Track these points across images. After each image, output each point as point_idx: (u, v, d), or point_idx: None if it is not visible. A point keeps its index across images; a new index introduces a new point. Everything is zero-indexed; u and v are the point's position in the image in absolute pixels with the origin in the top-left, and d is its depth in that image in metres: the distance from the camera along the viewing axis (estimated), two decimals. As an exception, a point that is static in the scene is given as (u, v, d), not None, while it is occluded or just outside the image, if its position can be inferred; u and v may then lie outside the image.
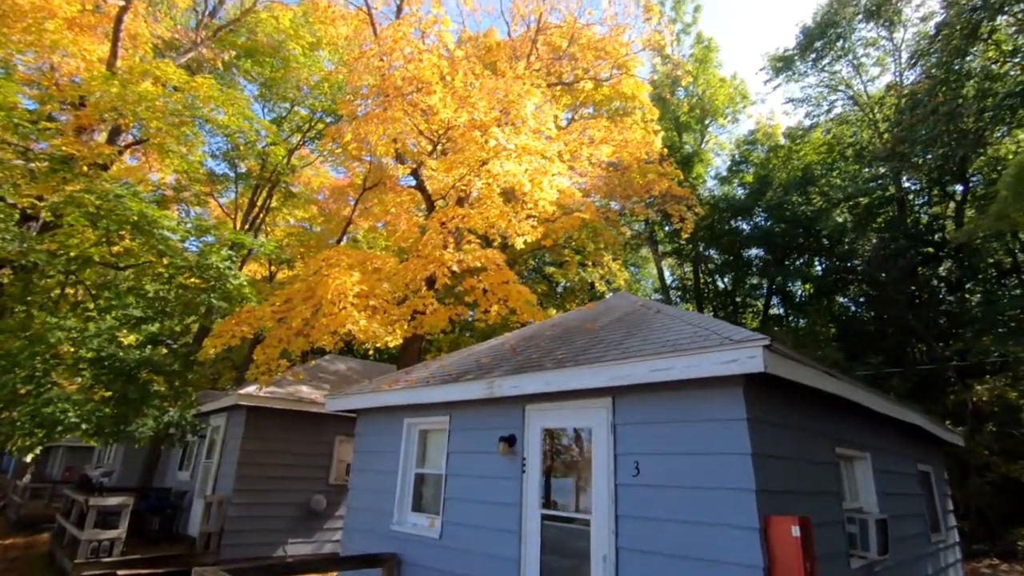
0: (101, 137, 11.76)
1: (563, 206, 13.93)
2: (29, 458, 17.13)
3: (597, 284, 24.22)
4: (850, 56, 23.13)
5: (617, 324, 6.48)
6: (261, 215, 21.61)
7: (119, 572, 9.21)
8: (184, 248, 11.10)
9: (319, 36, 16.77)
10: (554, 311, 20.63)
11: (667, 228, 27.10)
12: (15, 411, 7.32)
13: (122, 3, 10.12)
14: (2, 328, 8.53)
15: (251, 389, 11.75)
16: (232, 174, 21.04)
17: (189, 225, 11.39)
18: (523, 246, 12.35)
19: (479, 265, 10.30)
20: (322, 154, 22.12)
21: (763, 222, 24.98)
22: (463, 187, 11.36)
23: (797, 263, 24.90)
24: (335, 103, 17.59)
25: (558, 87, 15.07)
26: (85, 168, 9.64)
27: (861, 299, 23.91)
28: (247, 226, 20.29)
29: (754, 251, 26.82)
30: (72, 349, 8.35)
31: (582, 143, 11.99)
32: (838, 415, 5.40)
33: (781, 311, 27.96)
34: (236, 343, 8.49)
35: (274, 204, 22.41)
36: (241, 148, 17.40)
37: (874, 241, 20.77)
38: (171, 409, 8.92)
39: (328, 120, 19.42)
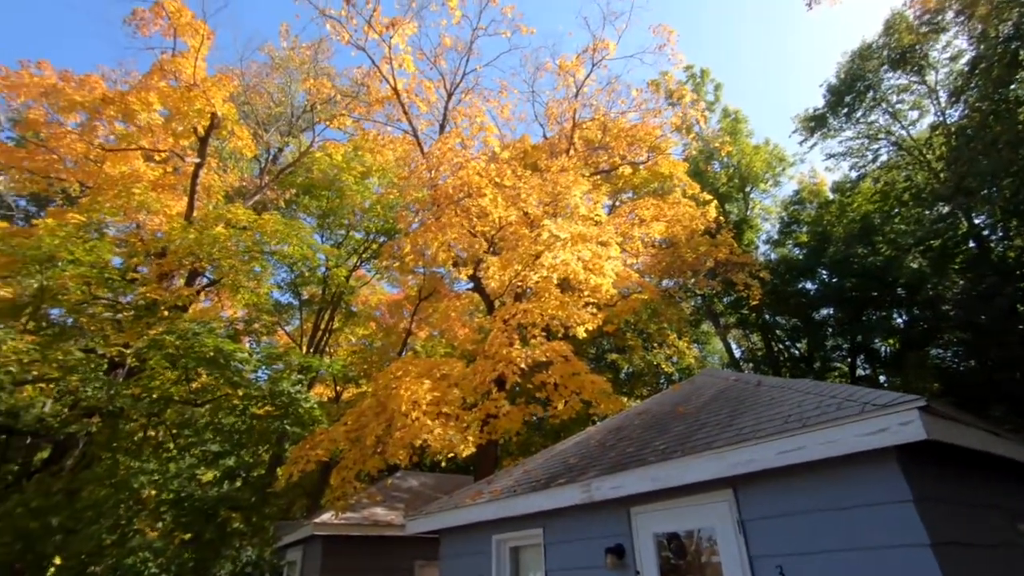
0: (180, 281, 12.60)
1: (620, 289, 13.67)
2: None
3: (663, 365, 23.19)
4: (884, 105, 22.98)
5: (716, 404, 5.89)
6: (324, 337, 22.27)
7: None
8: (255, 379, 11.33)
9: (368, 164, 18.11)
10: (625, 399, 19.64)
11: (725, 300, 26.21)
12: (99, 565, 7.15)
13: (197, 160, 11.30)
14: (90, 478, 8.64)
15: (326, 517, 11.31)
16: (296, 302, 22.06)
17: (259, 355, 11.69)
18: (585, 335, 12.01)
19: (546, 359, 9.96)
20: (378, 272, 23.05)
21: (829, 279, 23.79)
22: (520, 283, 11.32)
23: (875, 318, 23.24)
24: (388, 223, 18.57)
25: (597, 176, 15.41)
26: (166, 312, 10.22)
27: (958, 347, 21.76)
28: (312, 349, 20.87)
29: (825, 311, 25.33)
30: (154, 492, 8.30)
31: (632, 224, 11.95)
32: (1012, 483, 4.51)
33: (868, 371, 25.74)
34: (312, 468, 8.25)
35: (336, 325, 23.14)
36: (305, 275, 18.35)
37: (960, 283, 19.23)
38: (249, 548, 8.56)
39: (381, 240, 20.43)
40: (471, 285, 15.35)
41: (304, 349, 21.13)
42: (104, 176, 11.73)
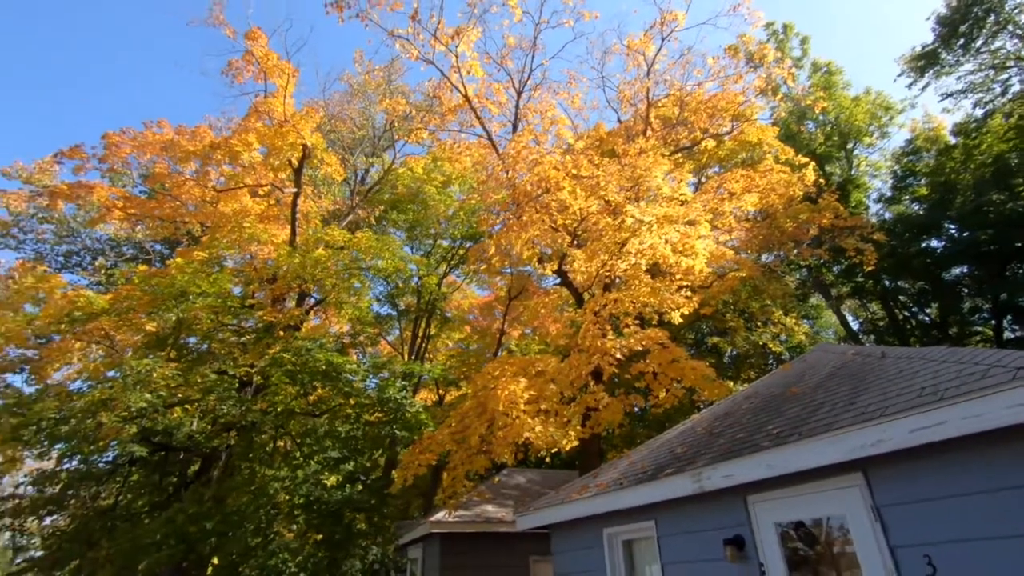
0: (291, 304, 13.69)
1: (715, 268, 13.01)
2: None
3: (770, 345, 21.77)
4: (1010, 27, 20.03)
5: (834, 381, 5.43)
6: (423, 343, 23.23)
7: None
8: (364, 388, 12.04)
9: (448, 173, 18.68)
10: (731, 384, 18.68)
11: (835, 269, 24.11)
12: (247, 564, 7.94)
13: (295, 190, 12.25)
14: (233, 486, 9.64)
15: (440, 515, 11.77)
16: (394, 312, 23.23)
17: (366, 365, 12.40)
18: (680, 320, 11.55)
19: (642, 348, 9.71)
20: (467, 276, 23.67)
21: (959, 234, 21.13)
22: (607, 273, 11.13)
23: (1021, 272, 20.31)
24: (471, 227, 19.03)
25: (679, 154, 14.78)
26: (281, 332, 11.16)
27: None
28: (413, 356, 21.84)
29: (957, 270, 22.52)
30: (287, 497, 9.07)
31: (721, 199, 11.33)
32: None
33: (1018, 333, 22.51)
34: (423, 471, 8.63)
35: (432, 331, 24.07)
36: (400, 286, 19.25)
37: None
38: (373, 547, 9.12)
39: (467, 245, 20.97)
40: (558, 280, 15.32)
41: (406, 356, 22.17)
42: (219, 215, 13.04)
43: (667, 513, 5.72)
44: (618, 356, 9.35)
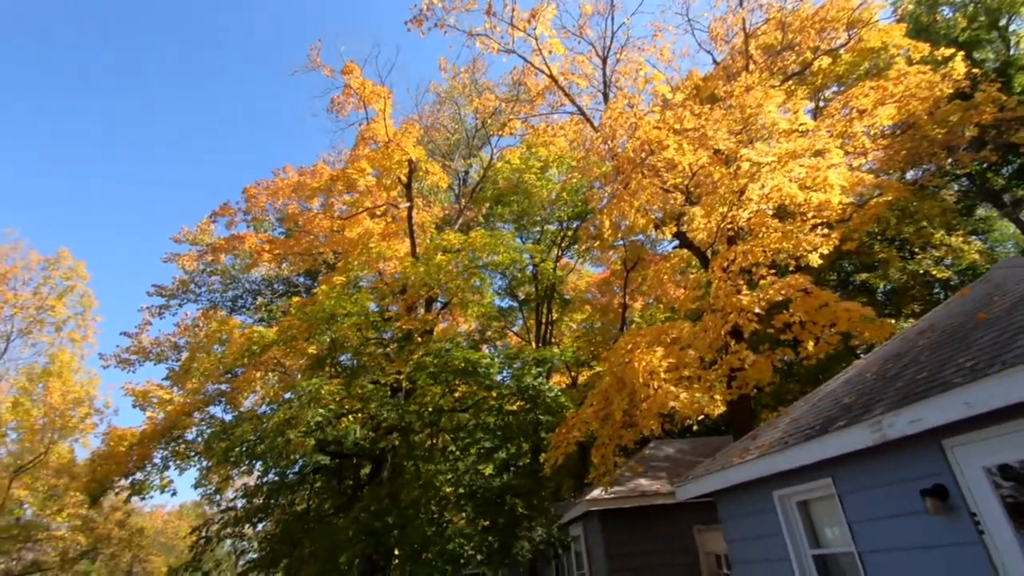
0: (421, 311, 14.59)
1: (853, 198, 11.67)
2: None
3: (933, 272, 19.11)
4: None
5: (1034, 299, 4.66)
6: (547, 329, 23.56)
7: None
8: (501, 380, 12.51)
9: (544, 158, 18.70)
10: (893, 323, 16.70)
11: (1006, 170, 20.51)
12: (429, 552, 8.66)
13: (408, 204, 13.02)
14: (403, 483, 10.53)
15: (596, 493, 11.91)
16: (515, 303, 23.81)
17: (499, 358, 12.85)
18: (820, 261, 10.55)
19: (782, 298, 9.03)
20: (579, 256, 23.58)
21: None
22: (729, 225, 10.48)
23: None
24: (576, 207, 18.90)
25: (789, 82, 13.42)
26: (419, 339, 11.95)
27: None
28: (539, 343, 22.25)
29: None
30: (451, 489, 9.73)
31: (849, 120, 10.12)
32: None
33: None
34: (572, 450, 8.79)
35: (555, 316, 24.32)
36: (517, 277, 19.69)
37: None
38: (538, 528, 9.49)
39: (575, 224, 20.87)
40: (676, 243, 14.66)
41: (533, 344, 22.64)
42: (346, 241, 14.26)
43: (845, 468, 5.28)
44: (757, 311, 8.79)
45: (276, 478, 16.56)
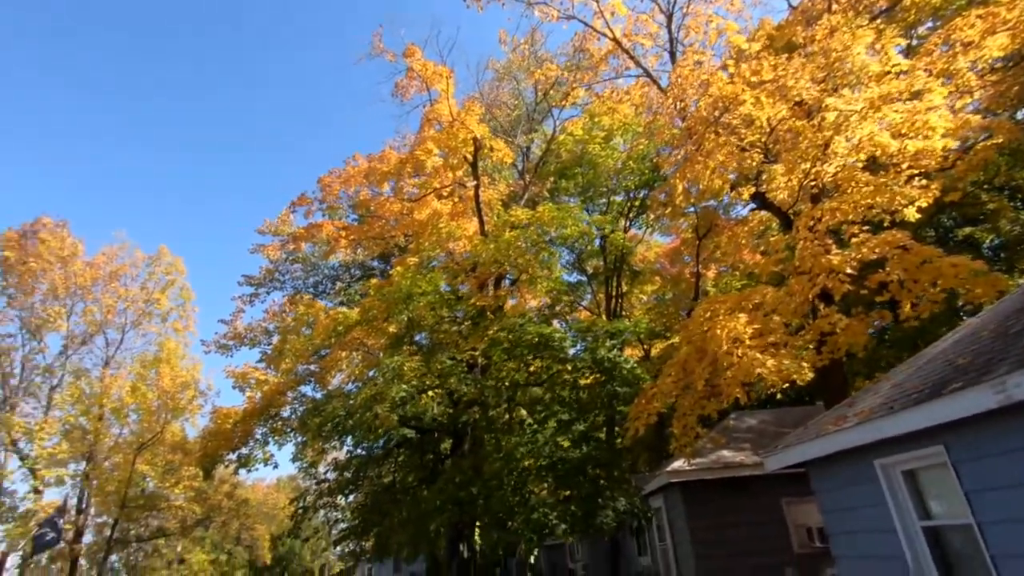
0: (491, 288, 14.77)
1: (957, 143, 10.57)
2: (532, 559, 20.80)
3: (1054, 218, 17.11)
4: None
5: None
6: (617, 303, 23.21)
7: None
8: (575, 353, 12.50)
9: (608, 127, 18.21)
10: (1007, 278, 15.16)
11: None
12: (513, 521, 8.89)
13: (474, 182, 13.12)
14: (484, 455, 10.84)
15: (677, 464, 11.74)
16: (583, 278, 23.61)
17: (572, 332, 12.83)
18: (917, 215, 9.68)
19: (876, 256, 8.41)
20: (648, 226, 22.96)
21: None
22: (813, 182, 9.83)
23: None
24: (643, 175, 18.33)
25: (877, 21, 12.22)
26: (491, 316, 12.12)
27: None
28: (609, 317, 21.98)
29: None
30: (531, 461, 9.91)
31: (951, 55, 9.10)
32: None
33: None
34: (652, 421, 8.69)
35: (624, 289, 23.91)
36: (586, 249, 19.47)
37: None
38: (620, 498, 9.50)
39: (642, 194, 20.29)
40: (752, 207, 13.91)
41: (603, 318, 22.40)
42: (416, 223, 14.62)
43: (959, 434, 4.89)
44: (848, 271, 8.24)
45: (363, 453, 17.55)
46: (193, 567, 40.34)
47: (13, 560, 16.48)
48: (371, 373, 11.72)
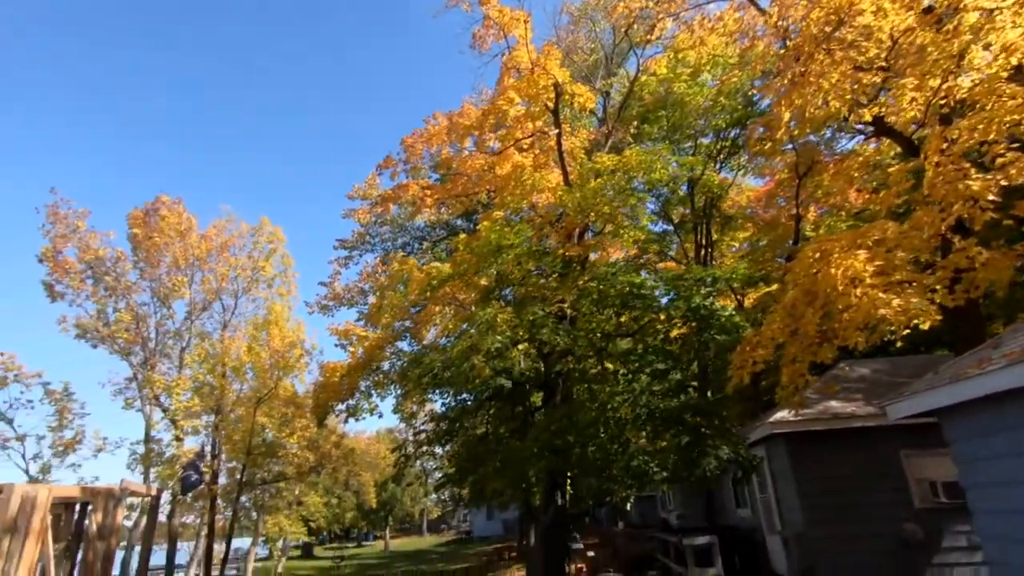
0: (575, 240, 14.52)
1: None
2: (628, 506, 21.14)
3: None
4: None
5: None
6: (706, 252, 22.18)
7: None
8: (666, 303, 12.12)
9: (694, 62, 16.98)
10: None
11: None
12: (612, 468, 8.93)
13: (556, 131, 12.78)
14: (578, 405, 10.90)
15: (781, 415, 11.23)
16: (670, 227, 22.68)
17: (663, 281, 12.41)
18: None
19: (1025, 180, 7.32)
20: (740, 168, 21.53)
21: None
22: (943, 100, 8.64)
23: None
24: (735, 112, 17.04)
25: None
26: (577, 267, 11.95)
27: None
28: (699, 266, 21.10)
29: None
30: (627, 410, 9.83)
31: None
32: None
33: None
34: (758, 369, 8.28)
35: (714, 237, 22.77)
36: (672, 198, 18.64)
37: None
38: (723, 446, 9.26)
39: (732, 134, 18.92)
40: (863, 137, 12.59)
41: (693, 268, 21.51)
42: (499, 178, 14.55)
43: None
44: (990, 197, 7.25)
45: (457, 405, 18.32)
46: (309, 508, 44.77)
47: (165, 497, 18.93)
48: (463, 327, 12.02)
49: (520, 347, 14.26)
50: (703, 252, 22.05)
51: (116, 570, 12.88)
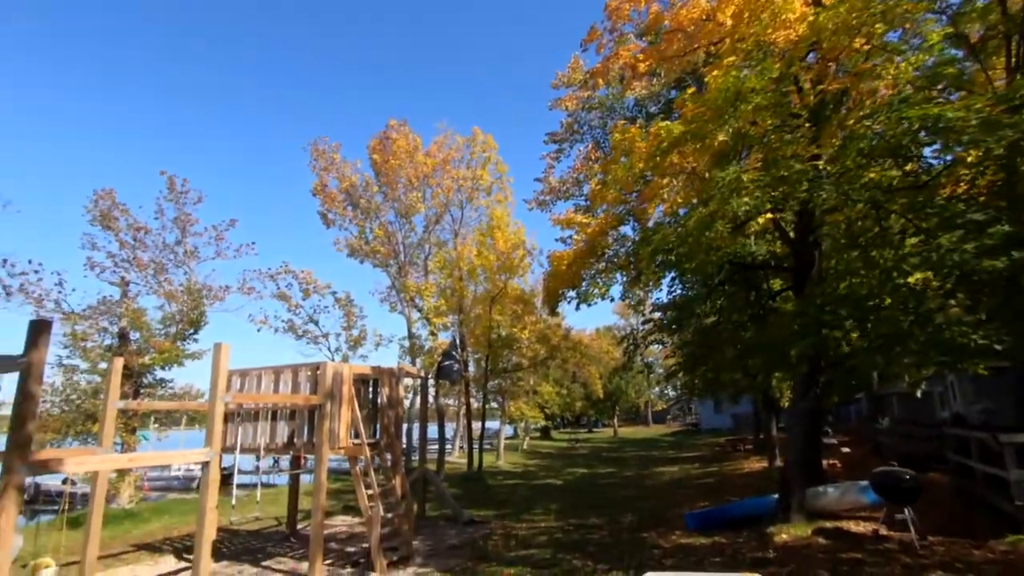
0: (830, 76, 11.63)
1: None
2: (919, 393, 18.64)
3: None
4: None
5: None
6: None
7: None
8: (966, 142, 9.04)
9: None
10: None
11: None
12: (908, 343, 7.27)
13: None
14: (843, 273, 9.11)
15: None
16: (960, 53, 16.99)
17: (971, 112, 9.25)
18: None
19: None
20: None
21: None
22: None
23: None
24: None
25: None
26: (851, 104, 9.54)
27: None
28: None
29: None
30: (923, 276, 7.82)
31: None
32: None
33: None
34: None
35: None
36: (970, 7, 13.68)
37: None
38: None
39: None
40: None
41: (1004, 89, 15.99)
42: (720, 27, 12.19)
43: None
44: None
45: (684, 292, 17.37)
46: (544, 396, 49.43)
47: (431, 381, 22.28)
48: (694, 203, 10.77)
49: (760, 219, 12.46)
50: (1018, 77, 16.10)
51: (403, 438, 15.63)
